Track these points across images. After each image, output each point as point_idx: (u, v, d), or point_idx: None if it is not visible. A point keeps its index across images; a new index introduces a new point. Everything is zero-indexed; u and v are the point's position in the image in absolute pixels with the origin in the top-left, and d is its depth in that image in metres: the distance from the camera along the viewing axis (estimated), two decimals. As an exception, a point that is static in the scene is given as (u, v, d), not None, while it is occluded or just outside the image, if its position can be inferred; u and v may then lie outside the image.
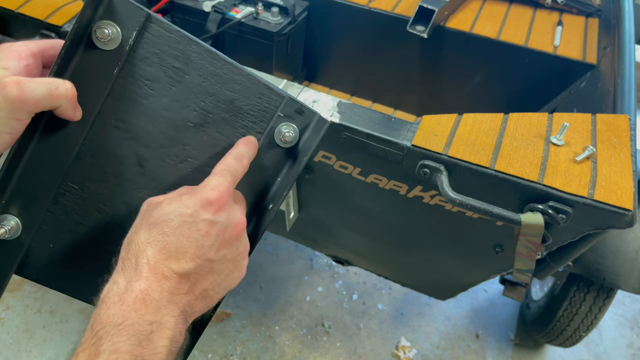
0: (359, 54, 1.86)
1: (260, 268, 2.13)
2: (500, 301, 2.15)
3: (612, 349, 2.05)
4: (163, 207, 0.49)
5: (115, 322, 0.43)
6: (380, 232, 1.30)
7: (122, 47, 0.54)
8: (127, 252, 0.48)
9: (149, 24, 0.55)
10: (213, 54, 0.57)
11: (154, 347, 0.43)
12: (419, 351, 1.95)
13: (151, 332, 0.43)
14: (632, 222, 0.83)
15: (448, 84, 1.81)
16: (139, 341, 0.43)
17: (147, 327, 0.43)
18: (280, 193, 0.61)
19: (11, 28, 1.21)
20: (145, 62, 0.56)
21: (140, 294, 0.45)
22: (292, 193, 1.26)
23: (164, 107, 0.58)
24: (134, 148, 0.58)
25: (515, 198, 0.89)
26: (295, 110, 0.60)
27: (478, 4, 1.72)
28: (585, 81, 1.45)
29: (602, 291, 1.59)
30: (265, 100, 0.59)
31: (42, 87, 0.48)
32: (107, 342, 0.42)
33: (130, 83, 0.56)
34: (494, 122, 0.96)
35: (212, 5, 1.68)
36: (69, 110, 0.52)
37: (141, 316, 0.44)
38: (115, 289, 0.45)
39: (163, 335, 0.44)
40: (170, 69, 0.56)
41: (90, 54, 0.53)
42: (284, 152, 0.61)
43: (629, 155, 0.91)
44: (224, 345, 1.87)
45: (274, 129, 0.60)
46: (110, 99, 0.56)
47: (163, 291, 0.46)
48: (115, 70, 0.54)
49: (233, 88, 0.59)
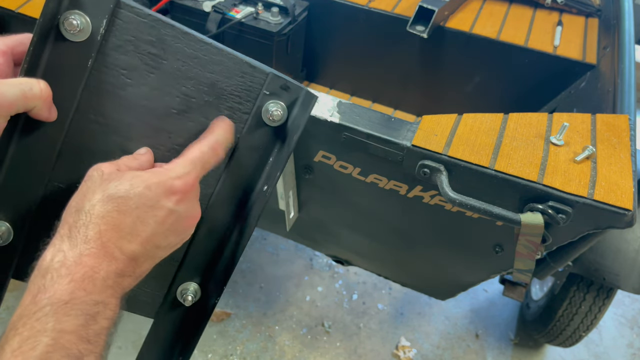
0: (359, 54, 1.86)
1: (260, 268, 2.13)
2: (500, 301, 2.15)
3: (612, 349, 2.05)
4: (123, 182, 0.47)
5: (62, 298, 0.41)
6: (380, 232, 1.30)
7: (94, 37, 0.51)
8: (76, 219, 0.45)
9: (119, 10, 0.52)
10: (190, 36, 0.55)
11: (98, 328, 0.42)
12: (418, 351, 1.95)
13: (97, 313, 0.42)
14: (632, 222, 0.83)
15: (448, 84, 1.81)
16: (85, 321, 0.41)
17: (93, 307, 0.42)
18: (273, 174, 0.59)
19: (11, 28, 1.21)
20: (119, 51, 0.53)
21: (90, 271, 0.43)
22: (292, 193, 1.26)
23: (144, 96, 0.55)
24: (118, 142, 0.56)
25: (515, 198, 0.89)
26: (281, 86, 0.58)
27: (478, 4, 1.72)
28: (585, 81, 1.45)
29: (601, 291, 1.59)
30: (249, 79, 0.57)
31: (14, 88, 0.46)
32: (52, 320, 0.40)
33: (105, 74, 0.53)
34: (493, 122, 0.96)
35: (212, 5, 1.68)
36: (44, 111, 0.50)
37: (88, 295, 0.42)
38: (61, 258, 0.43)
39: (106, 316, 0.43)
40: (146, 55, 0.54)
41: (61, 48, 0.51)
42: (274, 131, 0.59)
43: (628, 155, 0.91)
44: (224, 345, 1.87)
45: (261, 107, 0.58)
46: (86, 93, 0.53)
47: (110, 272, 0.44)
48: (88, 62, 0.52)
49: (214, 69, 0.56)
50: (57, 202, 0.57)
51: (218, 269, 0.63)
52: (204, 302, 0.63)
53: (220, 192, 0.60)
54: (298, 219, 1.38)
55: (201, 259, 0.62)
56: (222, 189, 0.60)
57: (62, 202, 0.55)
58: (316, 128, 1.01)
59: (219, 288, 0.62)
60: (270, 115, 0.57)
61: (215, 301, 0.62)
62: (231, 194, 0.60)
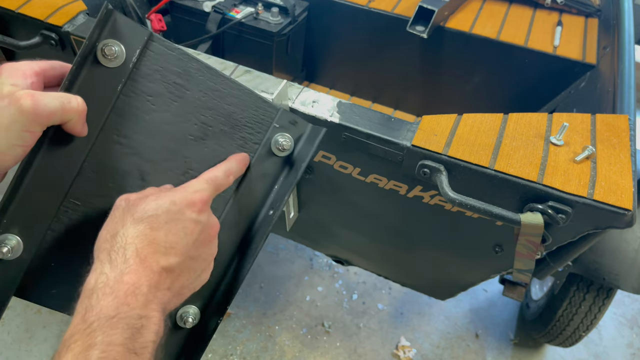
0: (359, 54, 1.86)
1: (260, 268, 2.13)
2: (500, 301, 2.15)
3: (611, 349, 2.06)
4: (149, 203, 0.50)
5: (108, 314, 0.43)
6: (380, 232, 1.30)
7: (126, 65, 0.56)
8: (113, 244, 0.48)
9: (151, 43, 0.57)
10: (212, 70, 0.60)
11: (144, 341, 0.44)
12: (418, 351, 1.95)
13: (142, 326, 0.44)
14: (632, 222, 0.83)
15: (448, 84, 1.81)
16: (131, 334, 0.43)
17: (138, 320, 0.44)
18: (280, 199, 0.63)
19: (11, 28, 1.21)
20: (147, 79, 0.57)
21: (132, 287, 0.45)
22: (292, 193, 1.27)
23: (166, 122, 0.59)
24: (137, 163, 0.59)
25: (515, 198, 0.89)
26: (290, 121, 0.64)
27: (478, 4, 1.72)
28: (585, 81, 1.46)
29: (601, 291, 1.59)
30: (262, 113, 0.62)
31: (55, 100, 0.49)
32: (101, 334, 0.42)
33: (133, 99, 0.57)
34: (493, 122, 0.96)
35: (212, 6, 1.68)
36: (78, 125, 0.53)
37: (133, 310, 0.45)
38: (104, 280, 0.46)
39: (151, 330, 0.45)
40: (171, 84, 0.58)
41: (96, 71, 0.55)
42: (281, 161, 0.64)
43: (628, 155, 0.92)
44: (224, 345, 1.87)
45: (271, 139, 0.63)
46: (113, 115, 0.57)
47: (151, 286, 0.47)
48: (119, 86, 0.56)
49: (231, 102, 0.61)
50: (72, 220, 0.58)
51: (220, 292, 0.64)
52: (204, 325, 0.64)
53: (227, 215, 0.63)
54: (298, 219, 1.38)
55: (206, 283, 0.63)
56: (229, 213, 0.63)
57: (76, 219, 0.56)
58: (316, 128, 1.01)
59: (220, 311, 0.63)
60: (278, 145, 0.63)
61: (217, 324, 0.62)
62: (238, 218, 0.64)
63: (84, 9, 1.17)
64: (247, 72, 1.04)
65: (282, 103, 1.01)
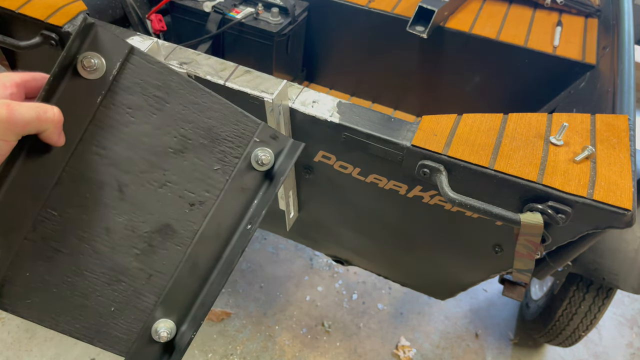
0: (359, 54, 1.87)
1: (260, 268, 2.13)
2: (500, 301, 2.16)
3: (611, 349, 2.06)
4: None
5: None
6: (380, 232, 1.31)
7: (106, 77, 0.56)
8: None
9: (132, 56, 0.57)
10: (193, 84, 0.61)
11: None
12: (418, 351, 1.95)
13: None
14: (631, 221, 0.83)
15: (448, 84, 1.81)
16: None
17: None
18: (258, 213, 0.63)
19: (12, 28, 1.21)
20: (127, 91, 0.58)
21: None
22: (292, 193, 1.27)
23: (145, 134, 0.60)
24: (115, 174, 0.59)
25: (514, 198, 0.90)
26: (270, 135, 0.64)
27: (477, 4, 1.72)
28: (585, 81, 1.46)
29: (601, 291, 1.59)
30: (242, 127, 0.63)
31: (30, 110, 0.49)
32: None
33: (112, 111, 0.57)
34: (493, 122, 0.96)
35: (212, 6, 1.68)
36: (54, 135, 0.53)
37: None
38: None
39: None
40: (151, 97, 0.59)
41: (75, 83, 0.55)
42: (261, 175, 0.64)
43: (628, 155, 0.92)
44: (224, 345, 1.87)
45: (251, 153, 0.63)
46: (92, 126, 0.57)
47: None
48: (98, 98, 0.56)
49: (211, 116, 0.62)
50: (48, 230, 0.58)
51: (196, 305, 0.64)
52: (179, 339, 0.64)
53: (206, 228, 0.63)
54: (298, 219, 1.38)
55: (180, 295, 0.63)
56: (208, 226, 0.63)
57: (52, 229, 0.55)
58: (316, 128, 1.01)
59: (195, 325, 0.63)
60: (258, 160, 0.63)
61: (191, 338, 0.62)
62: (216, 231, 0.64)
63: (85, 9, 1.17)
64: (247, 72, 1.04)
65: (282, 102, 1.01)
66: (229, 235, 0.64)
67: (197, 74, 1.03)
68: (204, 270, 0.64)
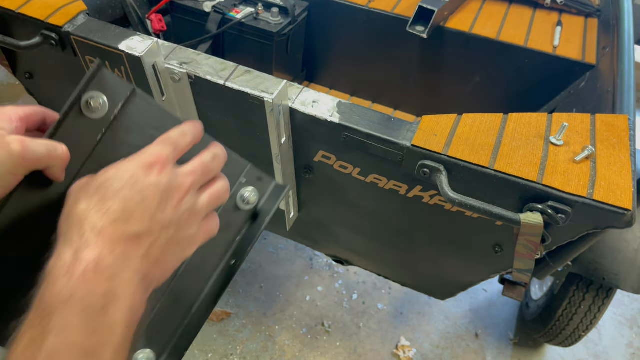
0: (359, 54, 1.87)
1: (260, 268, 2.13)
2: (500, 301, 2.16)
3: (611, 349, 2.06)
4: (98, 178, 0.48)
5: (62, 298, 0.40)
6: (380, 232, 1.31)
7: (108, 116, 0.58)
8: (67, 225, 0.45)
9: (133, 98, 0.59)
10: None
11: (109, 320, 0.41)
12: (418, 350, 1.95)
13: (105, 304, 0.41)
14: (632, 222, 0.84)
15: (448, 84, 1.81)
16: (92, 314, 0.40)
17: (99, 299, 0.41)
18: (243, 249, 0.65)
19: (12, 28, 1.21)
20: (126, 130, 0.59)
21: (92, 263, 0.42)
22: (292, 193, 1.27)
23: None
24: None
25: (514, 198, 0.90)
26: (256, 177, 0.67)
27: (478, 4, 1.72)
28: (585, 81, 1.46)
29: (601, 291, 1.59)
30: (230, 167, 0.64)
31: (42, 147, 0.51)
32: (56, 318, 0.39)
33: (110, 148, 0.59)
34: (493, 122, 0.96)
35: (212, 6, 1.68)
36: (59, 171, 0.54)
37: (92, 287, 0.41)
38: (60, 264, 0.42)
39: (119, 307, 0.42)
40: (149, 137, 0.59)
41: (79, 121, 0.57)
42: (246, 214, 0.66)
43: (628, 155, 0.92)
44: (224, 345, 1.87)
45: (237, 193, 0.66)
46: (90, 161, 0.58)
47: (117, 256, 0.43)
48: (98, 136, 0.58)
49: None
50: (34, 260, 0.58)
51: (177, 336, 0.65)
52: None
53: (189, 263, 0.63)
54: (298, 219, 1.38)
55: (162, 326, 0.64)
56: (191, 261, 0.63)
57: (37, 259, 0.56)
58: (316, 128, 1.01)
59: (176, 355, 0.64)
60: (244, 200, 0.66)
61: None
62: (200, 266, 0.64)
63: (84, 9, 1.17)
64: (247, 72, 1.04)
65: (282, 102, 1.01)
66: (212, 270, 0.65)
67: (197, 74, 1.03)
68: (187, 303, 0.65)
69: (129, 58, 1.06)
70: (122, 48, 1.06)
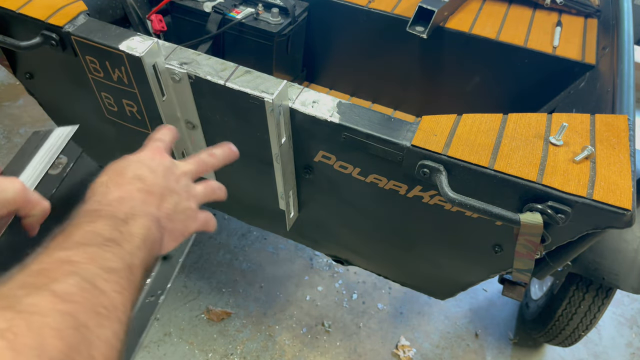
0: (359, 55, 1.87)
1: (260, 267, 2.14)
2: (500, 301, 2.16)
3: (611, 349, 2.06)
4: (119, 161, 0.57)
5: (90, 211, 0.49)
6: (380, 231, 1.31)
7: (62, 173, 0.67)
8: (92, 193, 0.53)
9: (81, 158, 0.70)
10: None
11: (129, 228, 0.48)
12: (418, 350, 1.95)
13: (126, 218, 0.49)
14: (631, 221, 0.84)
15: (448, 85, 1.81)
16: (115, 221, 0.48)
17: (122, 215, 0.49)
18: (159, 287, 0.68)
19: (12, 28, 1.21)
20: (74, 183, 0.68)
21: (118, 198, 0.51)
22: (292, 193, 1.27)
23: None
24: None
25: (514, 198, 0.90)
26: None
27: (477, 4, 1.72)
28: (584, 81, 1.46)
29: (601, 291, 1.60)
30: None
31: (35, 194, 0.56)
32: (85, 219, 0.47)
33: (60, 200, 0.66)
34: (493, 122, 0.96)
35: (212, 6, 1.68)
36: (36, 223, 0.58)
37: (117, 207, 0.50)
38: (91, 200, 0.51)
39: (137, 223, 0.49)
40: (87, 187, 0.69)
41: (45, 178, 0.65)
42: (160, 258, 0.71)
43: (627, 156, 0.92)
44: (224, 345, 1.88)
45: None
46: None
47: (135, 199, 0.52)
48: (53, 190, 0.67)
49: None
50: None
51: None
52: None
53: None
54: (298, 219, 1.39)
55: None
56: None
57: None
58: (316, 128, 1.01)
59: None
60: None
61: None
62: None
63: (85, 10, 1.17)
64: (248, 72, 1.04)
65: (282, 103, 1.01)
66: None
67: (197, 74, 1.03)
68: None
69: (129, 58, 1.06)
70: (122, 48, 1.06)
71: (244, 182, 1.29)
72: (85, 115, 1.42)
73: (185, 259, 0.71)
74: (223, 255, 2.16)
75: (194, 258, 2.12)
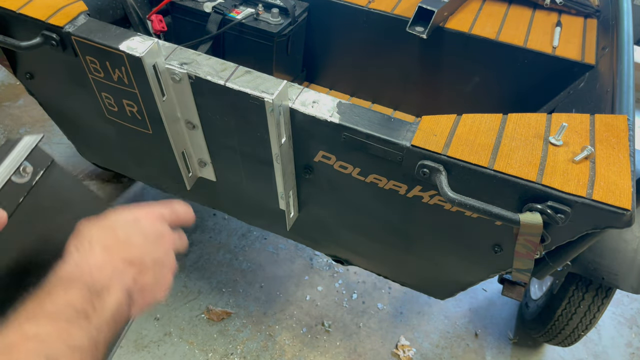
0: (359, 55, 1.87)
1: (260, 267, 2.14)
2: (499, 300, 2.16)
3: (610, 348, 2.06)
4: (110, 215, 0.58)
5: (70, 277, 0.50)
6: (380, 231, 1.31)
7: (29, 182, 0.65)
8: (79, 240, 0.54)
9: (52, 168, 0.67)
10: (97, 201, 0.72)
11: (102, 302, 0.49)
12: (418, 350, 1.95)
13: (102, 291, 0.50)
14: (631, 221, 0.84)
15: (447, 85, 1.81)
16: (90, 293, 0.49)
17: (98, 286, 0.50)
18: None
19: (12, 28, 1.21)
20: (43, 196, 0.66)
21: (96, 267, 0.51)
22: (292, 193, 1.27)
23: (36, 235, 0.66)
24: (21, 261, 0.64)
25: (514, 198, 0.90)
26: None
27: (477, 4, 1.72)
28: (584, 82, 1.46)
29: (600, 290, 1.60)
30: None
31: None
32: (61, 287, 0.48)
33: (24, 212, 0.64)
34: (493, 122, 0.96)
35: (212, 6, 1.68)
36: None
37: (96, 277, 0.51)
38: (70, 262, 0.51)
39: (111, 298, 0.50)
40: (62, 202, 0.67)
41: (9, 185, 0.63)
42: None
43: (627, 155, 0.92)
44: (224, 345, 1.88)
45: None
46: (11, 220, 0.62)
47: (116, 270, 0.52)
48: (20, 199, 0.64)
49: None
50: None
51: None
52: None
53: None
54: (298, 219, 1.39)
55: None
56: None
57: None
58: (316, 128, 1.02)
59: None
60: None
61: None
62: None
63: (85, 10, 1.17)
64: (248, 72, 1.04)
65: (282, 103, 1.01)
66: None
67: (197, 74, 1.04)
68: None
69: (129, 58, 1.07)
70: (122, 48, 1.06)
71: (244, 182, 1.30)
72: (86, 116, 1.42)
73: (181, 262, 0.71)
74: (223, 255, 2.16)
75: (194, 258, 2.12)
